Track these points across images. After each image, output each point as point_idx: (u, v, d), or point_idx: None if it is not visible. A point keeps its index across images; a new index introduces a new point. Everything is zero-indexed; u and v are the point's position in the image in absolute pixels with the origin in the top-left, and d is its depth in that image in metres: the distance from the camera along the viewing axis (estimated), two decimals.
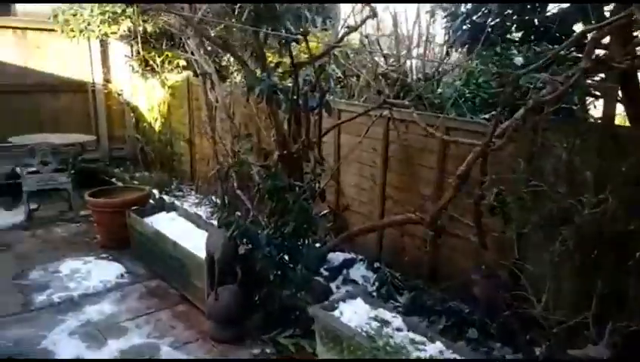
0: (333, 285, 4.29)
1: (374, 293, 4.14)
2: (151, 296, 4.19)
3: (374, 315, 2.98)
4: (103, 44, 7.38)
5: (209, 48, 5.37)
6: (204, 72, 4.94)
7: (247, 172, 3.35)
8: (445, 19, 4.66)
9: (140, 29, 6.22)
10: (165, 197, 5.97)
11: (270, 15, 2.67)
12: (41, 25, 7.15)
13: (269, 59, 4.98)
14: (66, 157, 6.53)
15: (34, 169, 5.75)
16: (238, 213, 4.52)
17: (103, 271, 4.51)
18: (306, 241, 3.55)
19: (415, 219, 3.38)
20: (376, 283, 4.28)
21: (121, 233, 4.95)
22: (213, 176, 4.68)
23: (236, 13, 3.70)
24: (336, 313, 3.01)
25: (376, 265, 4.55)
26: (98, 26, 6.07)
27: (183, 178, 7.06)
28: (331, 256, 4.58)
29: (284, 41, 2.90)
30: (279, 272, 3.49)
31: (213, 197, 6.06)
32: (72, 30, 6.32)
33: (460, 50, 4.72)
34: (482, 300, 3.35)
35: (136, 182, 6.58)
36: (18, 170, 6.37)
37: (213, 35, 5.19)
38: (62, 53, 7.39)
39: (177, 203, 5.74)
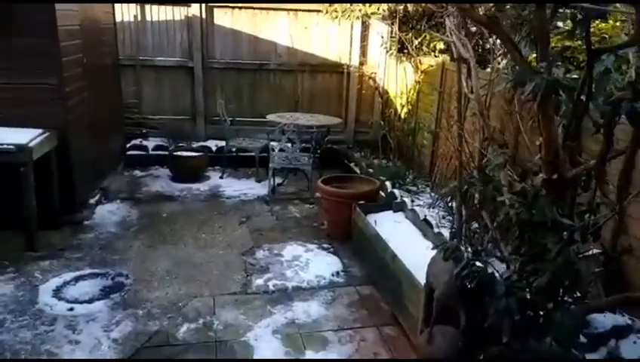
0: (591, 357, 3.12)
1: None
2: (361, 305, 3.76)
3: None
4: (364, 25, 7.25)
5: (473, 29, 4.54)
6: (460, 56, 4.16)
7: (493, 193, 2.51)
8: None
9: (401, 8, 5.75)
10: (396, 191, 5.47)
11: None
12: (310, 6, 7.41)
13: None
14: (312, 137, 6.70)
15: (281, 147, 5.98)
16: (477, 240, 3.70)
17: (321, 263, 4.30)
18: (564, 301, 2.52)
19: None
20: None
21: (346, 225, 4.69)
22: (452, 188, 3.94)
23: None
24: None
25: None
26: (359, 7, 5.85)
27: (421, 172, 6.47)
28: (594, 314, 3.36)
29: (579, 15, 1.93)
30: (517, 330, 2.58)
31: (448, 201, 5.32)
32: (336, 11, 6.28)
33: None
34: None
35: (371, 170, 6.31)
36: (274, 144, 6.83)
37: (482, 12, 4.36)
38: (324, 35, 7.56)
39: (407, 200, 5.20)
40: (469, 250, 3.61)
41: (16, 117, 4.39)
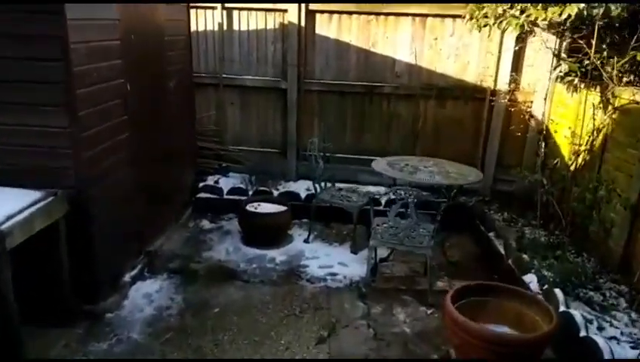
0: None
1: None
2: None
3: None
4: (521, 37, 5.08)
5: None
6: None
7: None
8: None
9: (599, 11, 3.55)
10: (577, 314, 3.32)
11: None
12: (444, 10, 5.45)
13: None
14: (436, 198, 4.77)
15: (389, 218, 4.10)
16: None
17: None
18: None
19: None
20: None
21: None
22: None
23: None
24: None
25: None
26: (527, 9, 3.75)
27: (604, 261, 4.18)
28: None
29: None
30: None
31: None
32: (486, 16, 4.25)
33: None
34: None
35: (525, 256, 4.19)
36: (379, 189, 5.10)
37: None
38: (461, 48, 5.56)
39: (595, 331, 3.08)
40: None
41: (13, 172, 3.11)
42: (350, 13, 5.63)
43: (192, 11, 5.44)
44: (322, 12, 5.67)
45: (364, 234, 4.98)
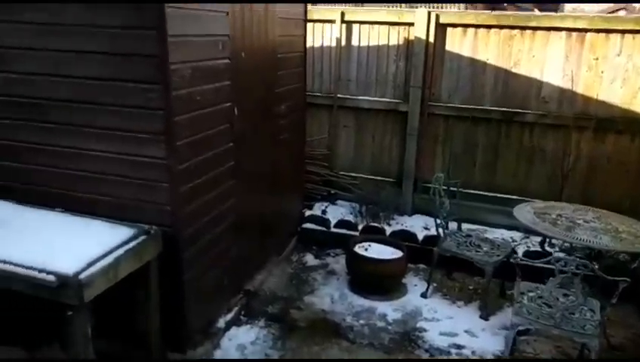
0: None
1: None
2: None
3: None
4: None
5: None
6: None
7: None
8: None
9: None
10: None
11: None
12: (610, 24, 4.42)
13: None
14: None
15: (545, 291, 3.22)
16: None
17: None
18: None
19: None
20: None
21: None
22: None
23: None
24: None
25: None
26: None
27: None
28: None
29: None
30: None
31: None
32: None
33: None
34: None
35: None
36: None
37: None
38: (630, 70, 4.48)
39: None
40: None
41: (103, 203, 2.81)
42: (489, 27, 4.82)
43: (309, 26, 5.01)
44: (455, 26, 4.93)
45: (497, 291, 4.14)
